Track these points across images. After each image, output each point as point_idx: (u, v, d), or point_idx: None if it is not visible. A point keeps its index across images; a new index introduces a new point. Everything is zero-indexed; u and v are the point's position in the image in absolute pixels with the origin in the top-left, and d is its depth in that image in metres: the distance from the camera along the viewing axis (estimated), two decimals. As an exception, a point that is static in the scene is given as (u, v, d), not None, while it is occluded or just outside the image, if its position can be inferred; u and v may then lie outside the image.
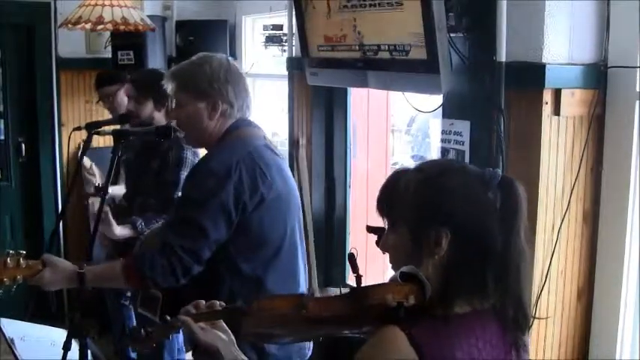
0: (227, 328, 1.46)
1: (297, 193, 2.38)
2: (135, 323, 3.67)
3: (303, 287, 2.34)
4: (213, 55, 2.32)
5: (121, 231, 2.97)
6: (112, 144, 2.43)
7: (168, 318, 1.45)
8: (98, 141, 4.32)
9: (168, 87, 2.30)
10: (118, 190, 3.61)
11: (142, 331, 1.44)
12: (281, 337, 1.52)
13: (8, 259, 2.02)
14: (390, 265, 1.37)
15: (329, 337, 1.42)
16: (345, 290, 1.35)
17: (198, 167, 2.26)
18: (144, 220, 3.02)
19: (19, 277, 2.04)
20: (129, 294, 3.47)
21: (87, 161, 4.00)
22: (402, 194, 1.33)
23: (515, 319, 1.30)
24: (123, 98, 3.90)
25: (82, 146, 2.41)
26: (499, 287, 1.28)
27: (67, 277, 2.12)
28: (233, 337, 1.46)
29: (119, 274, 2.13)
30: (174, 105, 2.33)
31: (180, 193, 3.02)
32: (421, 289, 1.27)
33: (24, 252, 2.07)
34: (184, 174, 3.05)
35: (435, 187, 1.31)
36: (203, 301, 1.49)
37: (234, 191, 2.09)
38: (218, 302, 1.49)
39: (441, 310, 1.26)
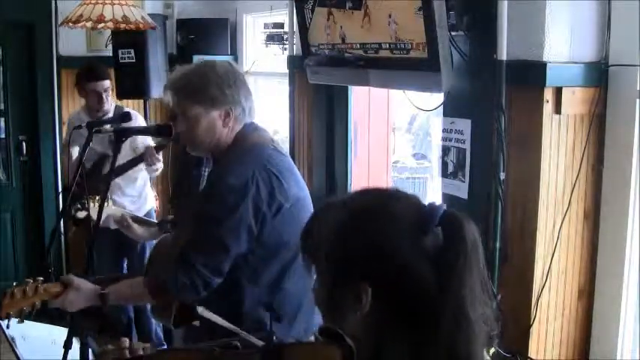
0: None
1: (308, 192, 2.35)
2: (133, 319, 3.68)
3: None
4: (214, 60, 2.23)
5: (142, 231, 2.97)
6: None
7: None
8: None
9: (170, 99, 2.17)
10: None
11: None
12: None
13: (27, 287, 2.04)
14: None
15: None
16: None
17: (216, 183, 2.15)
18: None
19: (37, 302, 2.07)
20: None
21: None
22: (319, 239, 1.14)
23: None
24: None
25: (83, 145, 2.42)
26: (439, 341, 1.05)
27: (90, 297, 2.12)
28: None
29: (143, 291, 2.13)
30: (180, 116, 2.17)
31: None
32: (346, 352, 1.08)
33: (41, 278, 2.10)
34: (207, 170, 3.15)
35: (353, 236, 1.10)
36: (127, 340, 1.46)
37: (252, 204, 2.06)
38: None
39: None
